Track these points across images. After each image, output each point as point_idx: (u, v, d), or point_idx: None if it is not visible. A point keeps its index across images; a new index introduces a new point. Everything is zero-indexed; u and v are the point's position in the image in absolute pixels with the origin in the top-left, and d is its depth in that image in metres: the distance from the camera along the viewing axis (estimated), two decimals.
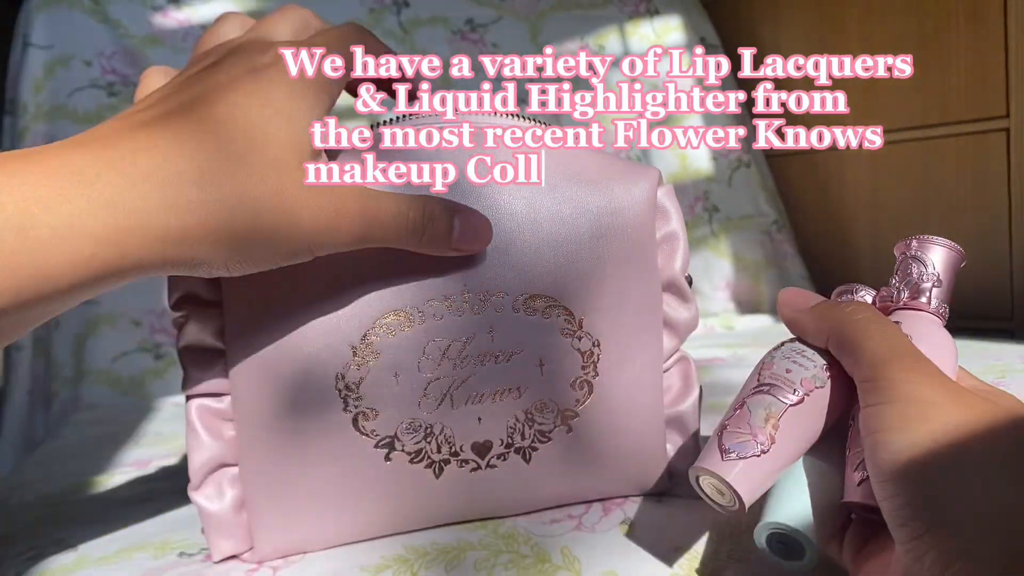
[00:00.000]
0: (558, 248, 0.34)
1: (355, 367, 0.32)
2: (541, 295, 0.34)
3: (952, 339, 0.31)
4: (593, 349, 0.35)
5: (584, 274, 0.34)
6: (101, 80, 0.90)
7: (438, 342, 0.33)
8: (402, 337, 0.32)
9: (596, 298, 0.35)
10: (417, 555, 0.33)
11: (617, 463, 0.37)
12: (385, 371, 0.32)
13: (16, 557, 0.38)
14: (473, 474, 0.34)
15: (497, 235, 0.33)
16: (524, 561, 0.32)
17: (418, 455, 0.34)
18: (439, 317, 0.33)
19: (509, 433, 0.35)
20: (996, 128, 0.94)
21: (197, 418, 0.33)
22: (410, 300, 0.32)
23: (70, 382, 0.83)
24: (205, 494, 0.33)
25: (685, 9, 1.20)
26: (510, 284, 0.33)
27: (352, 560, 0.33)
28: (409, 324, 0.32)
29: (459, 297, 0.33)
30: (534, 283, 0.34)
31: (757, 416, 0.29)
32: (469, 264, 0.33)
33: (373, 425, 0.33)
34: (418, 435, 0.33)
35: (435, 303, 0.33)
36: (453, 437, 0.34)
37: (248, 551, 0.34)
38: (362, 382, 0.32)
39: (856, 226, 1.10)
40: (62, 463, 0.57)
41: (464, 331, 0.33)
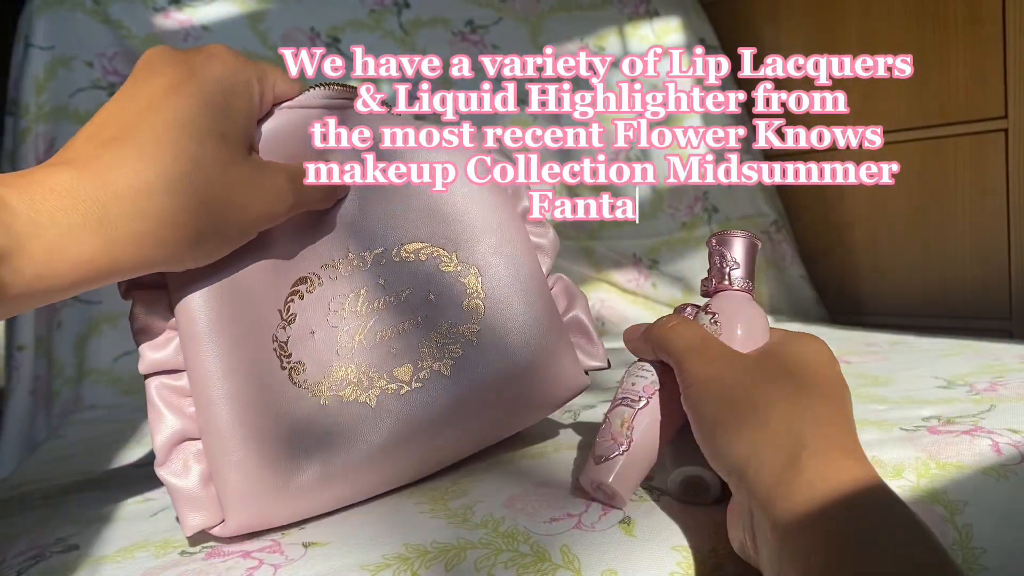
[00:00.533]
0: (423, 196, 0.41)
1: (282, 329, 0.38)
2: (414, 241, 0.41)
3: (759, 307, 0.39)
4: (473, 274, 0.42)
5: (450, 215, 0.41)
6: (103, 81, 0.90)
7: (338, 298, 0.39)
8: (309, 299, 0.39)
9: (464, 233, 0.42)
10: (417, 554, 0.33)
11: (536, 370, 0.42)
12: (304, 330, 0.38)
13: (18, 556, 0.38)
14: (404, 396, 0.39)
15: (371, 192, 0.40)
16: (524, 560, 0.32)
17: (349, 394, 0.38)
18: (334, 278, 0.39)
19: (421, 356, 0.40)
20: (994, 128, 0.94)
21: (157, 395, 0.35)
22: (308, 268, 0.39)
23: (71, 382, 0.83)
24: (172, 470, 0.35)
25: (684, 10, 1.20)
26: (386, 238, 0.41)
27: (352, 559, 0.33)
28: (311, 288, 0.39)
29: (344, 259, 0.40)
30: (406, 233, 0.41)
31: (615, 424, 0.37)
32: (349, 228, 0.40)
33: (304, 376, 0.38)
34: (343, 376, 0.39)
35: (328, 267, 0.39)
36: (374, 369, 0.39)
37: (219, 524, 0.35)
38: (289, 341, 0.38)
39: (855, 226, 1.10)
40: (63, 462, 0.57)
41: (358, 285, 0.40)
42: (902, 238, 1.05)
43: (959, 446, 0.41)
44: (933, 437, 0.42)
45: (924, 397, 0.51)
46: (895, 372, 0.61)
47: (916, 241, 1.03)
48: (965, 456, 0.40)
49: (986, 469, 0.39)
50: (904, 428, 0.44)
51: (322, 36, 1.00)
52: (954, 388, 0.53)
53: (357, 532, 0.36)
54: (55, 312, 0.85)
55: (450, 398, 0.40)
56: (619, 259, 1.07)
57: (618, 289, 1.06)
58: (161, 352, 0.35)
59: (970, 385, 0.54)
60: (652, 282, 1.08)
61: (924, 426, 0.44)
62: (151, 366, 0.35)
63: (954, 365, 0.61)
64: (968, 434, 0.42)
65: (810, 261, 1.16)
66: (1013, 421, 0.44)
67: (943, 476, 0.38)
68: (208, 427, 0.35)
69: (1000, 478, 0.38)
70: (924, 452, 0.40)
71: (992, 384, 0.53)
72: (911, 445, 0.41)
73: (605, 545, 0.33)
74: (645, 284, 1.07)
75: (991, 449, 0.40)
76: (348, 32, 1.01)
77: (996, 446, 0.40)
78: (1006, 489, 0.38)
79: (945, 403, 0.49)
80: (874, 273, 1.08)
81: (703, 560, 0.33)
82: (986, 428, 0.43)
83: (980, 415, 0.45)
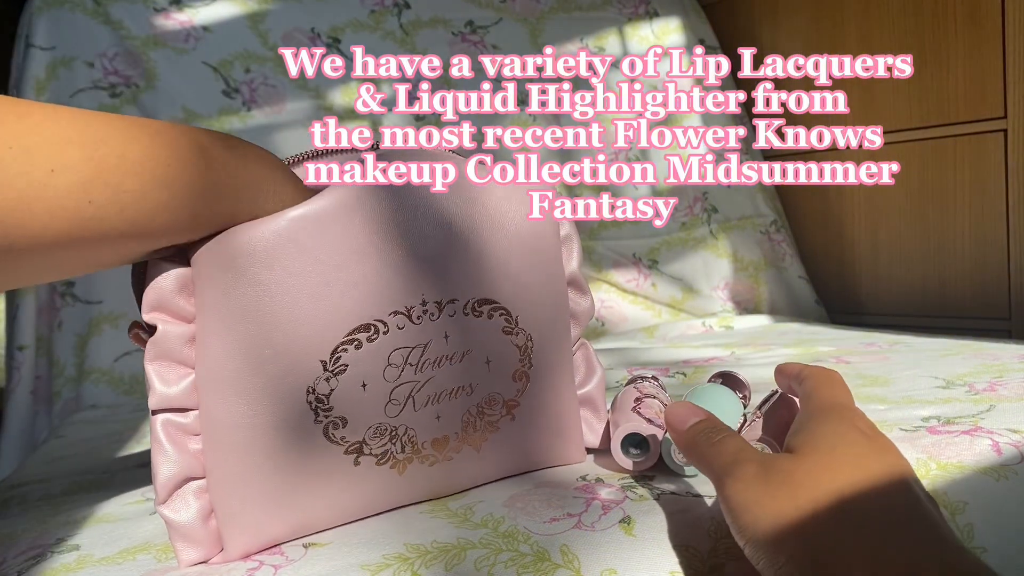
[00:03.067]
0: (493, 253, 0.38)
1: (324, 380, 0.34)
2: (486, 299, 0.37)
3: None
4: (527, 343, 0.39)
5: (514, 276, 0.38)
6: (103, 81, 0.90)
7: (401, 350, 0.35)
8: (368, 349, 0.34)
9: (525, 297, 0.39)
10: (418, 554, 0.33)
11: (546, 441, 0.42)
12: (353, 382, 0.34)
13: (18, 556, 0.38)
14: (432, 468, 0.38)
15: (447, 243, 0.36)
16: (524, 560, 0.32)
17: (384, 456, 0.36)
18: (401, 327, 0.35)
19: (463, 427, 0.38)
20: (994, 129, 0.94)
21: (163, 433, 0.33)
22: (374, 313, 0.34)
23: (72, 382, 0.83)
24: (172, 507, 0.34)
25: (684, 11, 1.20)
26: (461, 291, 0.37)
27: (353, 559, 0.33)
28: (374, 336, 0.34)
29: (418, 307, 0.35)
30: (479, 288, 0.37)
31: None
32: (425, 274, 0.35)
33: (343, 433, 0.35)
34: (384, 438, 0.36)
35: (398, 315, 0.35)
36: (416, 436, 0.37)
37: (216, 555, 0.35)
38: (332, 394, 0.34)
39: (854, 226, 1.10)
40: (64, 462, 0.57)
41: (423, 338, 0.36)
42: (902, 238, 1.05)
43: (959, 446, 0.41)
44: (933, 437, 0.42)
45: (923, 397, 0.51)
46: (894, 372, 0.61)
47: (915, 241, 1.04)
48: (965, 456, 0.40)
49: (986, 469, 0.39)
50: (904, 428, 0.44)
51: (322, 36, 1.00)
52: (953, 388, 0.53)
53: (357, 532, 0.36)
54: (56, 312, 0.85)
55: (473, 476, 0.40)
56: (619, 259, 1.07)
57: (618, 289, 1.06)
58: (174, 388, 0.33)
59: (969, 385, 0.54)
60: (652, 282, 1.08)
61: (924, 426, 0.44)
62: (162, 402, 0.33)
63: (953, 365, 0.61)
64: (968, 434, 0.42)
65: (810, 261, 1.16)
66: (1013, 421, 0.44)
67: (943, 476, 0.38)
68: (217, 470, 0.34)
69: (1000, 478, 0.38)
70: (924, 452, 0.40)
71: (991, 384, 0.53)
72: (911, 445, 0.41)
73: (605, 545, 0.33)
74: (645, 284, 1.07)
75: (991, 449, 0.40)
76: (348, 32, 1.01)
77: (996, 446, 0.41)
78: (1006, 489, 0.38)
79: (944, 403, 0.49)
80: (873, 273, 1.09)
81: (703, 560, 0.33)
82: (986, 428, 0.43)
83: (979, 415, 0.46)
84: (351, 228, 0.34)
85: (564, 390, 0.42)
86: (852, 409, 0.34)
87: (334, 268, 0.33)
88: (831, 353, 0.73)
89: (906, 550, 0.26)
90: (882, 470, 0.29)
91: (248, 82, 0.95)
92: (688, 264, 1.10)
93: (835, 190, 1.12)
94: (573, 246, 0.43)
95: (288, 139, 0.96)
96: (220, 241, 0.32)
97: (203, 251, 0.32)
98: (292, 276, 0.33)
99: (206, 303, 0.33)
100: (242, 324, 0.33)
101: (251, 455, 0.34)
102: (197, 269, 0.33)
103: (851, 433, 0.31)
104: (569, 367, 0.43)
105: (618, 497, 0.38)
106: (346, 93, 0.99)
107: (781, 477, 0.29)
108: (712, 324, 1.02)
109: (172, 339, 0.33)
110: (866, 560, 0.26)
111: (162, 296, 0.32)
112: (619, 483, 0.40)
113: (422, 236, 0.36)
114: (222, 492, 0.34)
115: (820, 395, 0.35)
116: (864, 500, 0.28)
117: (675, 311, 1.07)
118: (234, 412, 0.33)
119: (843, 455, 0.30)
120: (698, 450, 0.33)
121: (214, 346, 0.33)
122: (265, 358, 0.33)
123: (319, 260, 0.33)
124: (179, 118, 0.92)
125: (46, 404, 0.83)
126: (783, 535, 0.28)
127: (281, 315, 0.33)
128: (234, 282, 0.32)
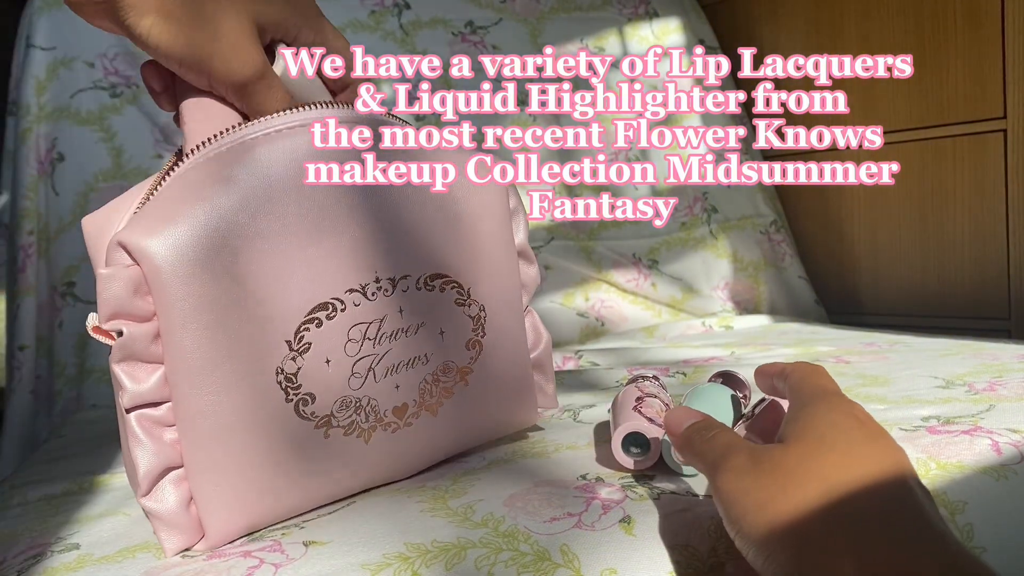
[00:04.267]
0: (443, 229, 0.40)
1: (291, 360, 0.36)
2: (438, 273, 0.40)
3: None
4: (480, 313, 0.42)
5: (465, 250, 0.41)
6: (104, 81, 0.90)
7: (359, 326, 0.37)
8: (328, 326, 0.36)
9: (477, 269, 0.41)
10: (418, 553, 0.33)
11: (501, 407, 0.44)
12: (318, 359, 0.36)
13: (18, 556, 0.38)
14: (395, 435, 0.40)
15: (397, 221, 0.38)
16: (524, 559, 0.32)
17: (351, 427, 0.38)
18: (357, 304, 0.37)
19: (420, 394, 0.41)
20: (993, 129, 0.94)
21: (139, 427, 0.34)
22: (331, 292, 0.36)
23: (73, 381, 0.83)
24: (154, 498, 0.35)
25: (684, 11, 1.20)
26: (413, 266, 0.39)
27: (353, 558, 0.33)
28: (332, 314, 0.36)
29: (372, 284, 0.37)
30: (431, 263, 0.39)
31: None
32: (377, 252, 0.37)
33: (312, 408, 0.37)
34: (349, 410, 0.38)
35: (353, 293, 0.37)
36: (378, 405, 0.39)
37: (199, 541, 0.36)
38: (299, 372, 0.36)
39: (854, 227, 1.11)
40: (65, 462, 0.57)
41: (378, 313, 0.38)
42: (901, 238, 1.05)
43: (959, 446, 0.41)
44: (933, 437, 0.42)
45: (923, 397, 0.51)
46: (894, 372, 0.61)
47: (915, 241, 1.04)
48: (965, 456, 0.40)
49: (986, 469, 0.39)
50: (903, 428, 0.44)
51: None
52: (953, 388, 0.53)
53: (358, 531, 0.36)
54: (56, 312, 0.85)
55: (433, 440, 0.43)
56: (619, 259, 1.07)
57: (618, 289, 1.06)
58: (144, 385, 0.34)
59: (969, 385, 0.54)
60: (652, 282, 1.08)
61: (923, 426, 0.44)
62: (135, 399, 0.34)
63: (953, 365, 0.61)
64: (968, 434, 0.42)
65: (809, 261, 1.16)
66: (1012, 421, 0.44)
67: (943, 476, 0.38)
68: (194, 457, 0.35)
69: (1000, 478, 0.39)
70: (924, 452, 0.40)
71: (991, 384, 0.53)
72: (910, 445, 0.41)
73: (605, 544, 0.33)
74: (645, 284, 1.07)
75: (991, 449, 0.40)
76: (348, 32, 1.01)
77: (996, 446, 0.41)
78: (1006, 489, 0.38)
79: (944, 403, 0.49)
80: (873, 273, 1.09)
81: (703, 559, 0.33)
82: (985, 428, 0.43)
83: (979, 415, 0.46)
84: (303, 209, 0.35)
85: (518, 356, 0.45)
86: (841, 396, 0.33)
87: (292, 249, 0.35)
88: (831, 353, 0.74)
89: (897, 544, 0.25)
90: (874, 459, 0.28)
91: None
92: (688, 264, 1.10)
93: (835, 190, 1.12)
94: (520, 219, 0.45)
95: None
96: (176, 235, 0.33)
97: (157, 247, 0.32)
98: (251, 263, 0.34)
99: (166, 298, 0.33)
100: (208, 313, 0.33)
101: (227, 439, 0.35)
102: (149, 266, 0.32)
103: (842, 419, 0.30)
104: (522, 334, 0.45)
105: (618, 497, 0.38)
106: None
107: (770, 466, 0.29)
108: (712, 324, 1.02)
109: (137, 339, 0.33)
110: (855, 553, 0.25)
111: (119, 302, 0.32)
112: (619, 483, 0.40)
113: (372, 215, 0.37)
114: (201, 479, 0.35)
115: (808, 384, 0.34)
116: (854, 491, 0.27)
117: (675, 311, 1.07)
118: (207, 400, 0.34)
119: (833, 442, 0.29)
120: (692, 448, 0.33)
121: (181, 338, 0.33)
122: (233, 343, 0.34)
123: (276, 244, 0.35)
124: None
125: (47, 404, 0.83)
126: (771, 526, 0.27)
127: (245, 300, 0.34)
128: (194, 274, 0.33)
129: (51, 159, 0.87)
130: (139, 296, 0.33)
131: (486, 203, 0.41)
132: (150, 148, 0.90)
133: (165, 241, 0.32)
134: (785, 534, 0.27)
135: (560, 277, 1.03)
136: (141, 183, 0.37)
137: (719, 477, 0.30)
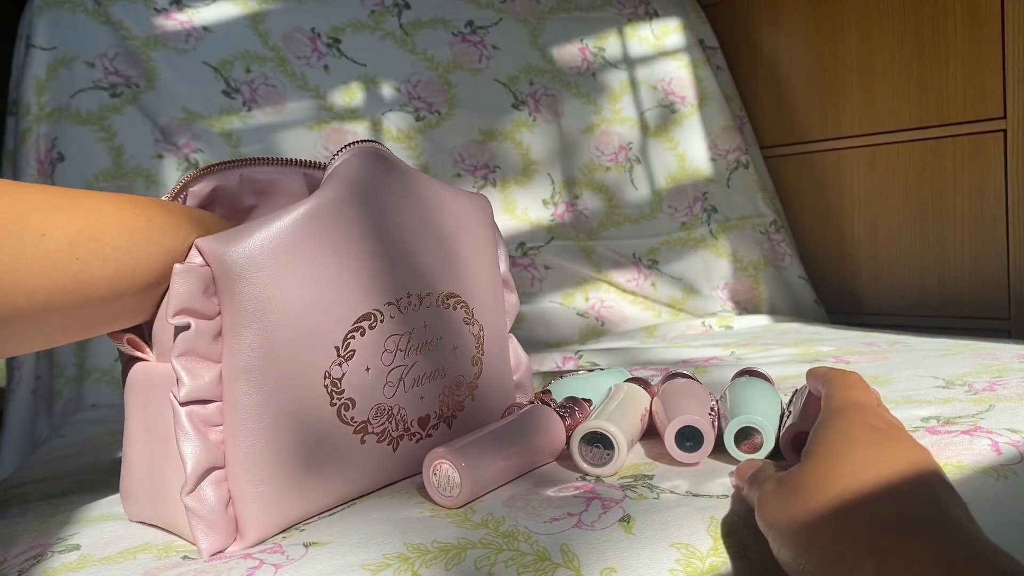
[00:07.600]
0: (456, 253, 0.44)
1: (338, 365, 0.38)
2: (452, 293, 0.44)
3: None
4: (480, 332, 0.46)
5: (470, 273, 0.45)
6: (104, 81, 0.90)
7: (393, 337, 0.40)
8: (370, 336, 0.39)
9: (478, 292, 0.45)
10: (418, 553, 0.33)
11: (493, 420, 0.46)
12: (360, 366, 0.39)
13: (19, 556, 0.38)
14: (418, 444, 0.42)
15: (422, 242, 0.42)
16: (524, 559, 0.32)
17: (383, 435, 0.41)
18: (392, 316, 0.40)
19: (440, 405, 0.43)
20: (993, 129, 0.94)
21: (189, 423, 0.35)
22: (373, 303, 0.39)
23: (73, 382, 0.83)
24: (197, 496, 0.35)
25: (684, 11, 1.20)
26: (434, 285, 0.42)
27: (353, 558, 0.33)
28: (374, 324, 0.39)
29: (404, 298, 0.41)
30: (447, 282, 0.43)
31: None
32: (407, 269, 0.41)
33: (352, 413, 0.39)
34: (383, 417, 0.40)
35: (391, 305, 0.40)
36: (406, 414, 0.41)
37: (234, 542, 0.36)
38: (344, 377, 0.38)
39: (854, 227, 1.11)
40: (65, 462, 0.57)
41: (409, 326, 0.41)
42: (901, 238, 1.05)
43: (958, 446, 0.41)
44: (932, 437, 0.42)
45: (923, 397, 0.51)
46: (894, 372, 0.61)
47: (915, 241, 1.04)
48: (965, 456, 0.40)
49: (986, 469, 0.39)
50: None
51: (323, 37, 1.00)
52: (953, 388, 0.53)
53: (358, 532, 0.36)
54: None
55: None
56: (619, 259, 1.07)
57: (618, 289, 1.06)
58: (201, 381, 0.35)
59: (969, 385, 0.54)
60: (652, 282, 1.08)
61: (923, 426, 0.44)
62: (191, 394, 0.35)
63: (953, 365, 0.61)
64: (967, 434, 0.42)
65: (809, 261, 1.16)
66: (1012, 421, 0.44)
67: None
68: (239, 455, 0.35)
69: (1000, 478, 0.39)
70: None
71: (991, 384, 0.53)
72: None
73: (605, 544, 0.33)
74: (645, 284, 1.07)
75: (991, 449, 0.40)
76: (348, 33, 1.01)
77: (995, 446, 0.41)
78: (1006, 489, 0.38)
79: (944, 403, 0.49)
80: (873, 273, 1.09)
81: (702, 558, 0.33)
82: (985, 428, 0.43)
83: (979, 415, 0.46)
84: (346, 226, 0.38)
85: (505, 375, 0.49)
86: (864, 406, 0.34)
87: (345, 261, 0.38)
88: (831, 353, 0.74)
89: (910, 542, 0.26)
90: (887, 464, 0.30)
91: (248, 82, 0.96)
92: (688, 264, 1.10)
93: (835, 190, 1.12)
94: (502, 251, 0.50)
95: (288, 139, 0.96)
96: (237, 244, 0.35)
97: (228, 252, 0.35)
98: (312, 270, 0.37)
99: (230, 300, 0.35)
100: (268, 315, 0.35)
101: (273, 438, 0.36)
102: (219, 268, 0.35)
103: (859, 432, 0.32)
104: (508, 355, 0.49)
105: (618, 496, 0.38)
106: (346, 93, 0.99)
107: (792, 486, 0.31)
108: (712, 324, 1.02)
109: (201, 335, 0.35)
110: (875, 554, 0.26)
111: (189, 298, 0.34)
112: (619, 482, 0.40)
113: (402, 236, 0.41)
114: (243, 477, 0.36)
115: (834, 398, 0.36)
116: (867, 496, 0.29)
117: (675, 311, 1.07)
118: (259, 399, 0.35)
119: (847, 456, 0.31)
120: (746, 492, 0.36)
121: (242, 338, 0.35)
122: (287, 346, 0.36)
123: (324, 255, 0.37)
124: (180, 118, 0.92)
125: (47, 404, 0.83)
126: (799, 540, 0.29)
127: (298, 306, 0.36)
128: (253, 279, 0.35)
129: (51, 159, 0.87)
130: (207, 296, 0.35)
131: (478, 237, 0.46)
132: (150, 148, 0.90)
133: (235, 247, 0.35)
134: (811, 541, 0.29)
135: (560, 277, 1.03)
136: None
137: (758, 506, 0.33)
